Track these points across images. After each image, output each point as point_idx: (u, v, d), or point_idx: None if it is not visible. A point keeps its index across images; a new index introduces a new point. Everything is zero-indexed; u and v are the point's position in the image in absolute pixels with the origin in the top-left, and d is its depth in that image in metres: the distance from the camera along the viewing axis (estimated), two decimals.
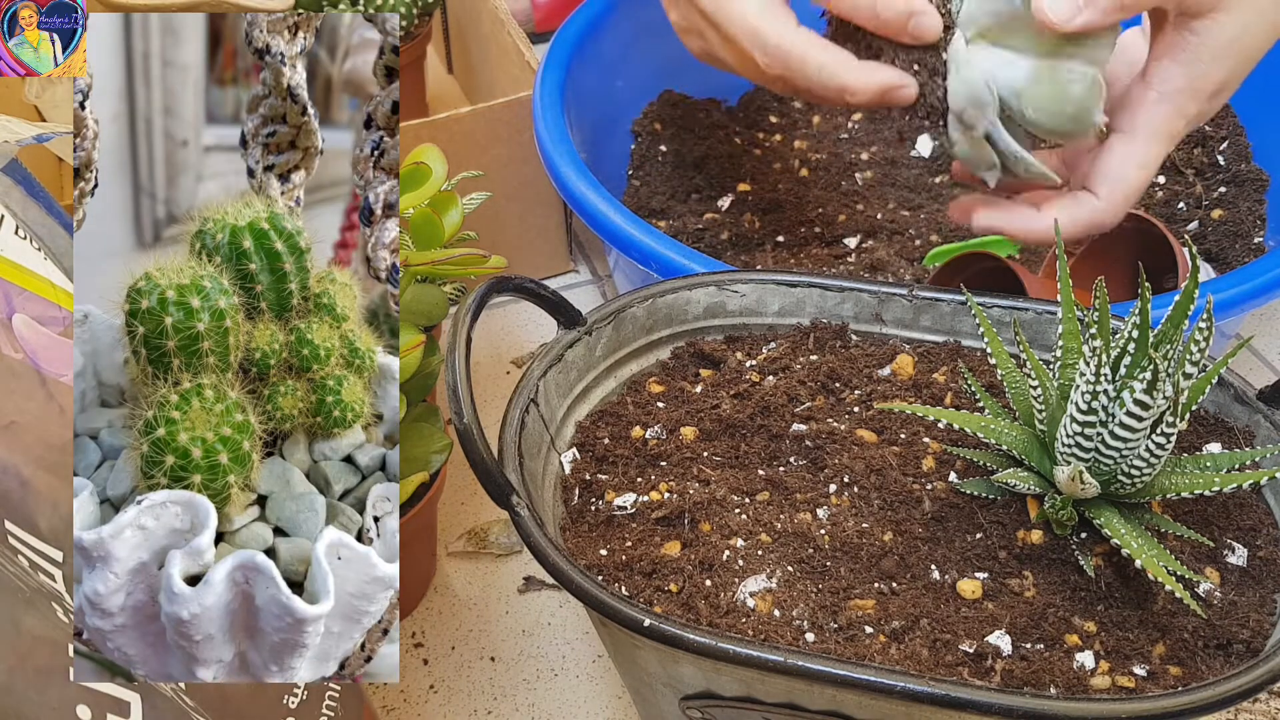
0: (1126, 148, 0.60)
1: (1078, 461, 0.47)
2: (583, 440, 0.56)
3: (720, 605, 0.47)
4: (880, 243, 0.79)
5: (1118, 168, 0.60)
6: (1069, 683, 0.44)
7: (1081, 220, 0.62)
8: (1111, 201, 0.61)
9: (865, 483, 0.52)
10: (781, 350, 0.59)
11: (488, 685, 0.65)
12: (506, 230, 0.87)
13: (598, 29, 0.85)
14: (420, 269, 0.62)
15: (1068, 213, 0.62)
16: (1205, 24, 0.58)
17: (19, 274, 0.50)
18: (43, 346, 0.48)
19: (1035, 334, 0.57)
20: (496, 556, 0.72)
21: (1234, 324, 0.77)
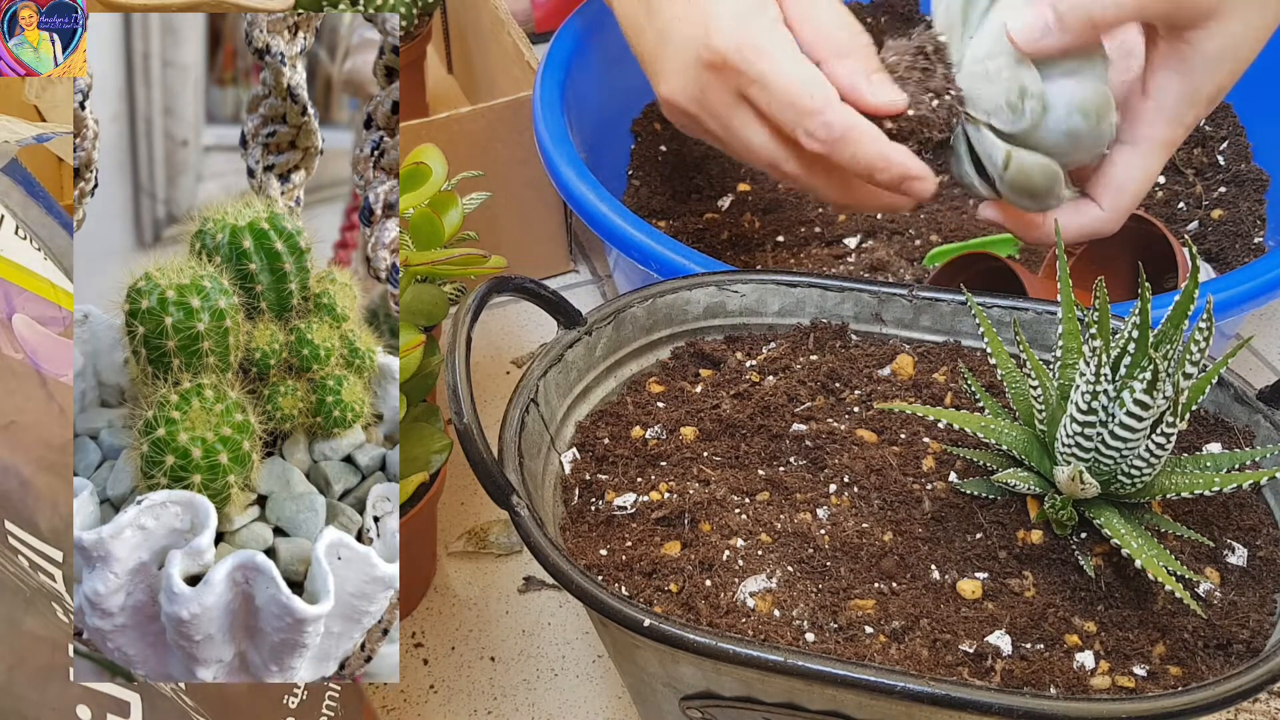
0: (1129, 159, 0.61)
1: (1078, 461, 0.47)
2: (583, 440, 0.56)
3: (720, 605, 0.47)
4: (880, 243, 0.79)
5: (1120, 178, 0.61)
6: (1069, 683, 0.44)
7: (1082, 227, 0.63)
8: (1113, 210, 0.62)
9: (865, 483, 0.52)
10: (781, 350, 0.59)
11: (488, 685, 0.65)
12: (506, 230, 0.87)
13: (598, 29, 0.85)
14: (420, 269, 0.62)
15: (1068, 218, 0.62)
16: (1199, 34, 0.58)
17: (19, 274, 0.50)
18: (43, 346, 0.48)
19: (1035, 334, 0.57)
20: (496, 556, 0.72)
21: (1234, 324, 0.77)
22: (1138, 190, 0.62)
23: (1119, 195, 0.61)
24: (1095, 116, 0.59)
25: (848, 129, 0.59)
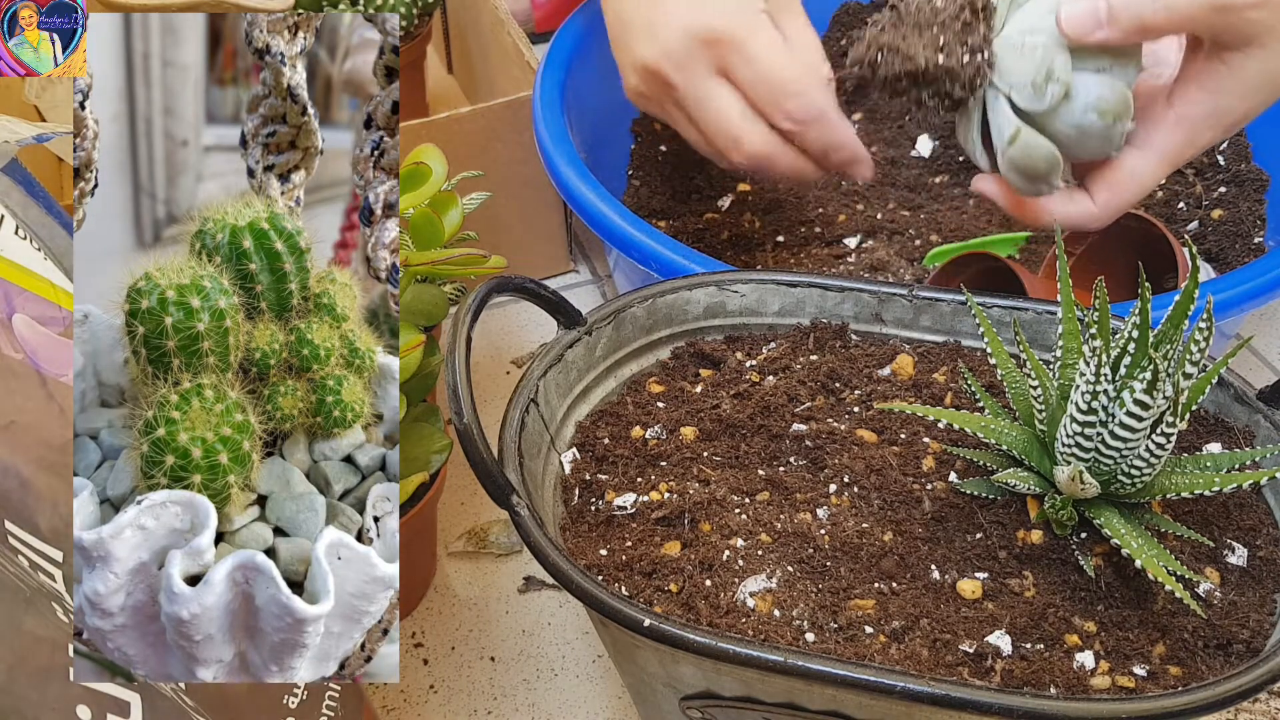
0: (1135, 163, 0.61)
1: (1078, 462, 0.47)
2: (583, 440, 0.56)
3: (720, 605, 0.47)
4: (880, 243, 0.79)
5: (1121, 178, 0.61)
6: (1069, 683, 0.44)
7: (1069, 217, 0.63)
8: (1105, 208, 0.62)
9: (865, 483, 0.52)
10: (781, 350, 0.59)
11: (488, 685, 0.65)
12: (506, 230, 0.87)
13: (598, 29, 0.85)
14: (420, 269, 0.62)
15: (1059, 205, 0.62)
16: (1239, 57, 0.57)
17: (19, 274, 0.50)
18: (43, 346, 0.48)
19: (1035, 334, 0.57)
20: (496, 556, 0.72)
21: (1234, 324, 0.77)
22: (1134, 194, 0.61)
23: (1115, 194, 0.61)
24: (1112, 117, 0.58)
25: (823, 112, 0.67)
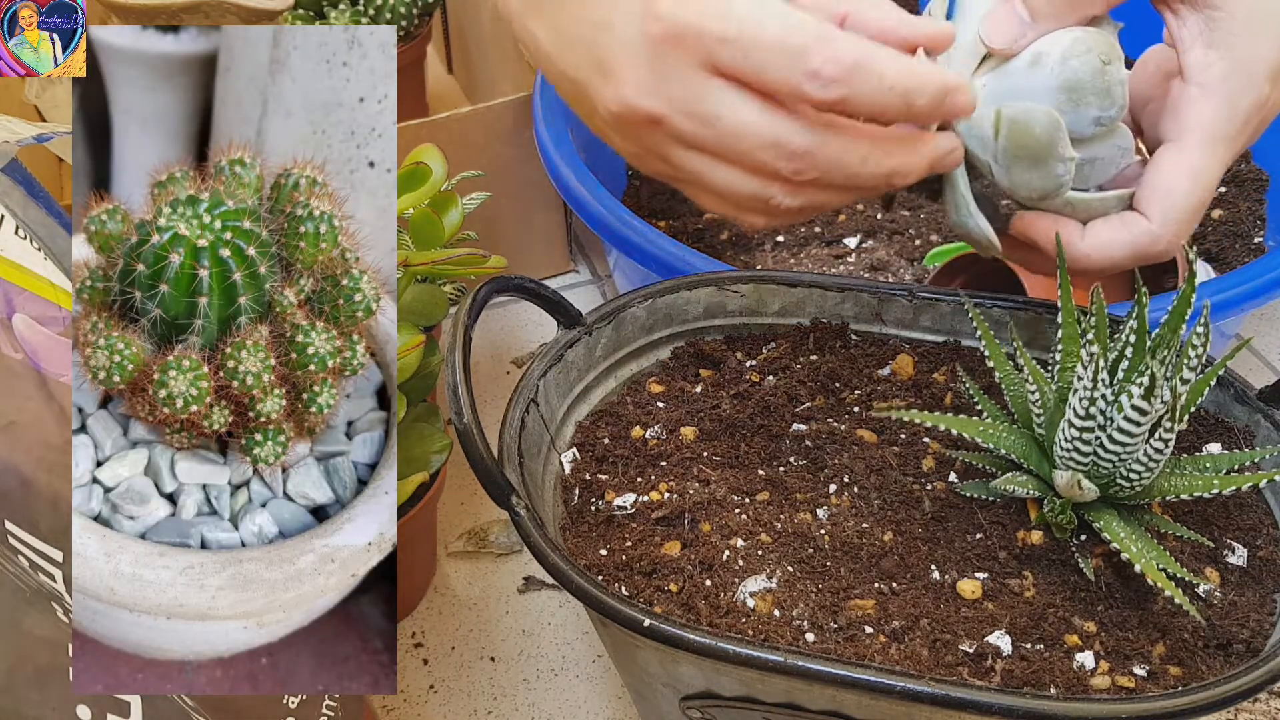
0: (1175, 156, 0.50)
1: (1076, 466, 0.47)
2: (583, 440, 0.56)
3: (720, 605, 0.47)
4: (880, 243, 0.79)
5: (1167, 181, 0.50)
6: (1069, 683, 0.44)
7: (1130, 244, 0.51)
8: (1164, 222, 0.50)
9: (865, 483, 0.52)
10: (781, 350, 0.59)
11: (488, 685, 0.65)
12: (506, 230, 0.87)
13: None
14: (420, 269, 0.62)
15: (1113, 233, 0.51)
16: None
17: (19, 274, 0.50)
18: (43, 346, 0.48)
19: (1034, 334, 0.57)
20: (496, 556, 0.72)
21: (1234, 324, 0.77)
22: (1188, 192, 0.50)
23: (1168, 202, 0.50)
24: (1098, 58, 0.49)
25: (861, 53, 0.46)
